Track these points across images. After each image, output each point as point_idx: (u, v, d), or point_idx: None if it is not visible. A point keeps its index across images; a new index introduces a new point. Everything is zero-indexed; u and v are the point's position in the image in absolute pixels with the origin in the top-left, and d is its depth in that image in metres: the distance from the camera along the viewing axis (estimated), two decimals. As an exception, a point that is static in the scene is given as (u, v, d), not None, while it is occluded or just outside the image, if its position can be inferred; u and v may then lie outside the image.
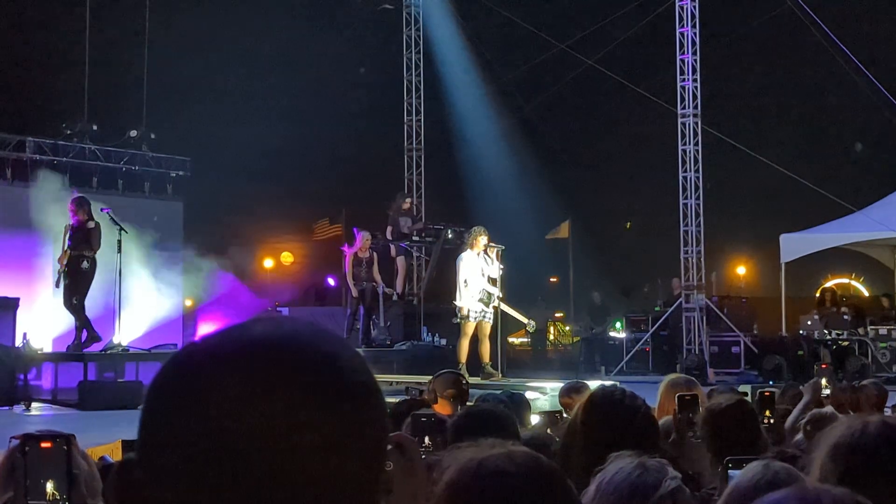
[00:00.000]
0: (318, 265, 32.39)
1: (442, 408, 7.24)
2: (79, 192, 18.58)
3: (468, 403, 7.53)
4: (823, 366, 7.79)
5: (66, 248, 17.21)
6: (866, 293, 28.22)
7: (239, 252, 28.78)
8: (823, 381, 7.46)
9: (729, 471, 3.36)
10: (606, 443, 3.37)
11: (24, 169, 22.73)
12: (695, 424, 5.12)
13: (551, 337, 35.63)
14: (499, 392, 8.27)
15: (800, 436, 4.80)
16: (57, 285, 17.37)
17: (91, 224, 17.32)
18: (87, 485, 2.77)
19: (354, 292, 20.81)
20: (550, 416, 5.60)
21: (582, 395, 7.91)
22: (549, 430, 5.28)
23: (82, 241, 17.21)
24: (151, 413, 1.38)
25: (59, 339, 17.66)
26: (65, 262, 17.17)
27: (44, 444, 2.49)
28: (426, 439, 3.96)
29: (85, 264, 17.26)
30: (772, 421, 6.23)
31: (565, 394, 8.15)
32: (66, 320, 17.92)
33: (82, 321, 17.41)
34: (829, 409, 5.58)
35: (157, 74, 25.37)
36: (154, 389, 1.39)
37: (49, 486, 2.45)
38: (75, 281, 17.25)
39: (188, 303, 24.29)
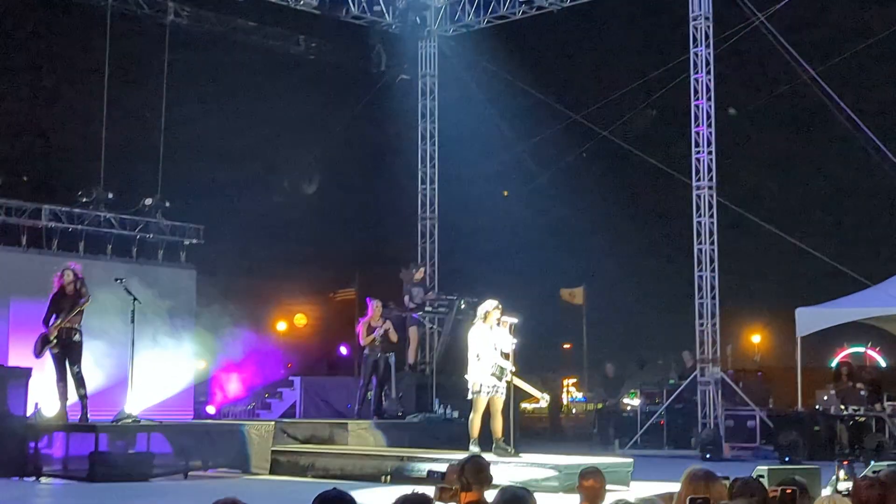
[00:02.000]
0: (330, 329, 32.34)
1: (472, 496, 7.14)
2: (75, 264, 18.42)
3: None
4: (845, 462, 7.54)
5: (58, 319, 17.11)
6: (883, 364, 28.00)
7: (251, 317, 28.76)
8: (842, 474, 7.29)
9: None
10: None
11: (40, 237, 22.82)
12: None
13: (565, 403, 35.46)
14: (516, 485, 8.18)
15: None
16: (38, 356, 17.26)
17: (83, 292, 17.29)
18: None
19: (367, 341, 20.65)
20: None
21: (596, 481, 7.83)
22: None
23: (74, 314, 17.12)
24: None
25: (70, 407, 17.55)
26: (55, 335, 17.07)
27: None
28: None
29: (77, 336, 17.18)
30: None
31: (581, 480, 8.02)
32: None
33: (85, 392, 17.32)
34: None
35: (173, 143, 25.50)
36: None
37: None
38: (69, 352, 17.14)
39: (202, 365, 24.24)
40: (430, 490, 6.89)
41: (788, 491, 6.25)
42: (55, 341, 17.09)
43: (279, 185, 28.56)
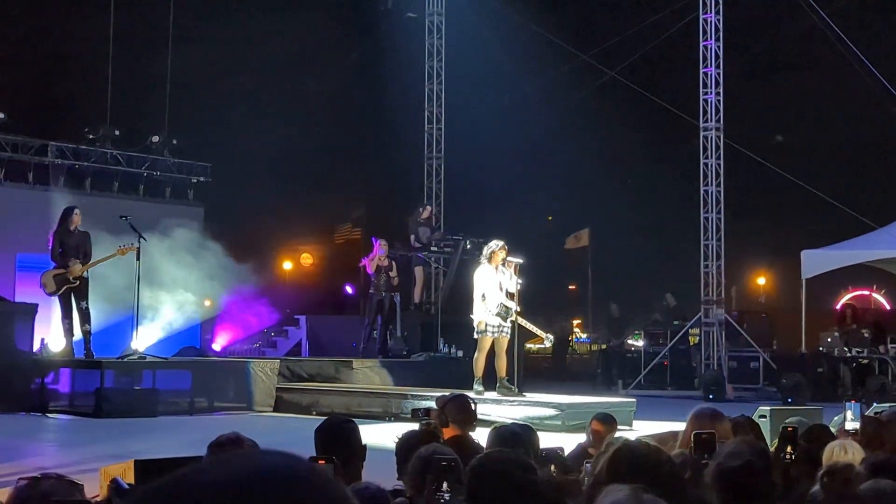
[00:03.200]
0: (336, 269, 32.38)
1: (451, 431, 7.20)
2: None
3: (493, 424, 7.48)
4: (853, 401, 7.53)
5: (79, 257, 17.30)
6: (888, 306, 28.04)
7: (258, 256, 28.80)
8: (849, 414, 7.29)
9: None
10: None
11: (46, 173, 22.82)
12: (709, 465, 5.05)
13: (572, 346, 35.56)
14: (510, 422, 8.25)
15: (816, 487, 4.71)
16: (53, 294, 17.40)
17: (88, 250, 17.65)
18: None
19: (373, 267, 20.65)
20: (556, 460, 5.53)
21: (608, 428, 7.87)
22: (553, 470, 5.23)
23: (85, 252, 17.36)
24: None
25: (77, 343, 17.65)
26: (77, 274, 17.25)
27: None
28: (444, 484, 3.89)
29: (85, 273, 17.40)
30: (794, 457, 6.16)
31: (594, 422, 8.07)
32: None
33: (90, 328, 17.48)
34: (845, 460, 5.45)
35: (180, 80, 25.41)
36: None
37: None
38: (78, 289, 17.34)
39: (207, 304, 24.29)
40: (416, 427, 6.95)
41: (790, 429, 6.30)
42: (77, 283, 17.24)
43: (286, 122, 28.47)
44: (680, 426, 6.78)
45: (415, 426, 6.80)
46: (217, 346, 25.50)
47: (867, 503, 3.86)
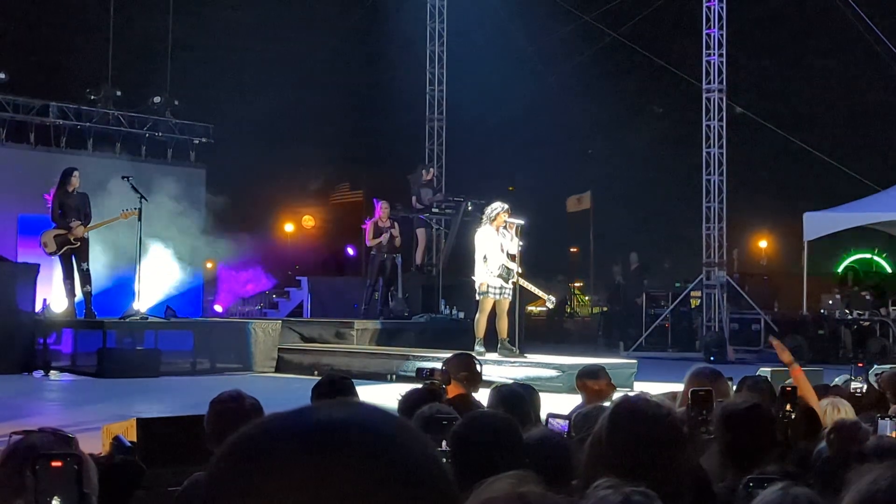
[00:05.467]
0: (338, 230, 32.41)
1: (455, 390, 7.21)
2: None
3: (492, 383, 7.50)
4: (860, 364, 7.56)
5: (79, 219, 17.33)
6: (889, 269, 28.04)
7: (260, 218, 28.81)
8: (856, 376, 7.31)
9: (749, 489, 3.30)
10: (632, 454, 3.33)
11: (48, 134, 22.79)
12: (708, 422, 5.06)
13: (571, 307, 35.56)
14: (511, 381, 8.26)
15: (822, 444, 4.73)
16: (54, 254, 17.41)
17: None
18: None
19: (373, 242, 20.62)
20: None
21: (599, 381, 7.86)
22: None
23: (85, 214, 17.40)
24: (214, 486, 1.30)
25: (78, 304, 17.70)
26: (78, 234, 17.28)
27: (54, 464, 2.45)
28: (443, 443, 3.89)
29: (86, 234, 17.44)
30: (793, 416, 6.17)
31: (581, 378, 8.05)
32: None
33: (91, 289, 17.52)
34: (851, 417, 5.48)
35: (181, 41, 25.31)
36: (219, 468, 1.31)
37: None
38: (78, 250, 17.38)
39: (209, 265, 24.34)
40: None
41: (788, 388, 6.32)
42: (78, 244, 17.26)
43: (287, 83, 28.40)
44: (681, 387, 6.79)
45: (418, 385, 6.82)
46: (219, 307, 25.56)
47: (871, 461, 3.87)
